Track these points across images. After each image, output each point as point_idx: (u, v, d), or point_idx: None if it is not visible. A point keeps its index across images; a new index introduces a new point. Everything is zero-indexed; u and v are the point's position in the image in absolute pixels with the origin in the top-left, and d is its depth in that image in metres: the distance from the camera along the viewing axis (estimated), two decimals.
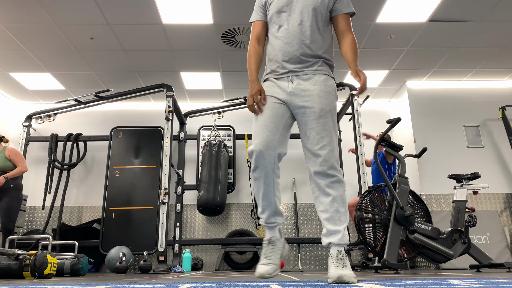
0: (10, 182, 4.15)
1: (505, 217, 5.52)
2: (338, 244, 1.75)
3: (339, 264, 1.68)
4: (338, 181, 1.80)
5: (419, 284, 1.46)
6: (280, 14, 1.98)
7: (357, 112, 5.23)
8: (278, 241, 1.92)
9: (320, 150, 1.79)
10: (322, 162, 1.79)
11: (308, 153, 1.84)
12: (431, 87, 6.08)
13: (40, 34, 4.66)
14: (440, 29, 4.69)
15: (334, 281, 1.56)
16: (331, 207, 1.78)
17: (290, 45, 1.91)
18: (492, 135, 5.84)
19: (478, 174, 3.79)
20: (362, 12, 4.34)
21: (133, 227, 5.21)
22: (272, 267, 1.84)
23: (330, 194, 1.79)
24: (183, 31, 4.64)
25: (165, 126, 5.11)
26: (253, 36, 2.06)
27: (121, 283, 1.76)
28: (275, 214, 1.90)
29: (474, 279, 1.78)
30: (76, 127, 6.34)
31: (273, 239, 1.91)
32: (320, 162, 1.79)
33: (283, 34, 1.95)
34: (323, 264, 5.79)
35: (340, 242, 1.75)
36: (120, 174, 5.48)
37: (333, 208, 1.77)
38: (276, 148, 1.83)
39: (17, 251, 2.83)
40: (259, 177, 1.83)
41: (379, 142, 3.67)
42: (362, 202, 3.62)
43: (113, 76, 5.74)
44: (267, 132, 1.83)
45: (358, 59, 2.00)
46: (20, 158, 4.29)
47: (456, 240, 3.54)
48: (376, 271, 3.42)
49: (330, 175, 1.79)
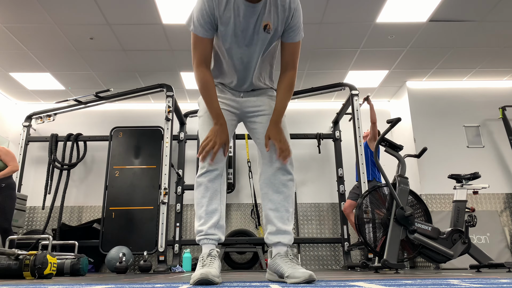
0: (2, 181, 4.15)
1: (505, 217, 5.52)
2: (286, 245, 1.75)
3: (293, 263, 1.66)
4: (293, 179, 1.82)
5: (419, 284, 1.46)
6: (236, 38, 1.71)
7: (357, 112, 5.22)
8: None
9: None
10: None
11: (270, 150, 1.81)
12: (431, 87, 6.08)
13: (40, 34, 4.66)
14: (440, 29, 4.69)
15: (305, 280, 1.52)
16: (282, 206, 1.77)
17: (242, 78, 1.83)
18: (492, 135, 5.84)
19: (478, 174, 3.79)
20: (362, 12, 4.34)
21: (133, 227, 5.21)
22: (213, 271, 1.53)
23: (283, 192, 1.77)
24: (183, 31, 4.64)
25: (165, 126, 5.11)
26: (200, 58, 1.73)
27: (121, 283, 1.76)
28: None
29: (474, 279, 1.78)
30: (76, 127, 6.33)
31: (214, 253, 1.69)
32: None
33: (236, 62, 1.77)
34: (323, 264, 5.79)
35: (289, 243, 1.76)
36: (120, 174, 5.48)
37: (283, 207, 1.77)
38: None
39: (17, 251, 2.83)
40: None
41: (379, 142, 3.67)
42: (362, 202, 3.62)
43: (113, 76, 5.74)
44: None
45: (285, 108, 1.80)
46: (10, 157, 4.29)
47: (456, 240, 3.54)
48: (376, 271, 3.42)
49: (290, 173, 1.79)
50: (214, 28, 1.71)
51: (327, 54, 5.23)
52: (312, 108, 6.49)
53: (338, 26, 4.59)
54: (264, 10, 1.67)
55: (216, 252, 1.69)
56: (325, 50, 5.13)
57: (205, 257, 1.65)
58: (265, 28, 1.70)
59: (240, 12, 1.66)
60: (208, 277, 1.47)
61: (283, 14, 1.70)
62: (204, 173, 1.74)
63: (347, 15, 4.38)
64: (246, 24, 1.68)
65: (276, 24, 1.71)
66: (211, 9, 1.65)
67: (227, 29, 1.69)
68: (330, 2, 4.15)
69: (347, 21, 4.51)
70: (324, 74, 5.75)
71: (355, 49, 5.11)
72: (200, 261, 1.65)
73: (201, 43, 1.72)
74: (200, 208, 1.74)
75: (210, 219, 1.72)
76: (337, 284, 1.50)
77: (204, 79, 1.73)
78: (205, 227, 1.71)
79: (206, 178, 1.74)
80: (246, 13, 1.66)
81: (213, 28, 1.70)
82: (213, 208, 1.73)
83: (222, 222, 1.75)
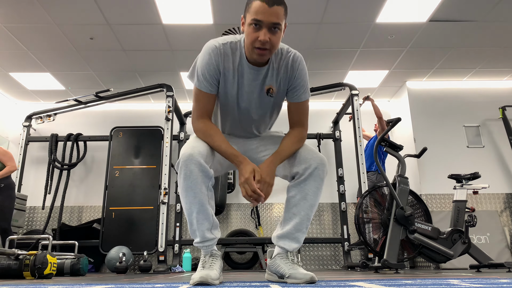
0: (1, 182, 4.15)
1: (505, 217, 5.52)
2: (292, 252, 1.71)
3: (294, 264, 1.66)
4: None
5: (419, 284, 1.46)
6: (239, 99, 1.69)
7: (357, 112, 5.23)
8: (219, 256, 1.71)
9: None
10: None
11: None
12: (431, 87, 6.08)
13: (40, 34, 4.66)
14: (440, 29, 4.69)
15: (306, 282, 1.54)
16: (305, 213, 1.68)
17: (242, 131, 1.80)
18: (492, 135, 5.84)
19: (478, 174, 3.79)
20: (362, 12, 4.34)
21: (133, 227, 5.20)
22: (213, 274, 1.54)
23: (310, 199, 1.67)
24: (183, 31, 4.64)
25: (165, 126, 5.11)
26: (202, 111, 1.68)
27: (121, 283, 1.76)
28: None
29: (474, 279, 1.78)
30: (76, 127, 6.33)
31: (214, 252, 1.68)
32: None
33: (237, 119, 1.76)
34: (323, 264, 5.79)
35: (294, 251, 1.72)
36: (120, 174, 5.47)
37: (307, 215, 1.68)
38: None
39: (17, 251, 2.83)
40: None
41: (379, 142, 3.67)
42: (362, 202, 3.62)
43: (113, 76, 5.74)
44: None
45: (288, 155, 1.69)
46: (8, 157, 4.29)
47: (456, 240, 3.54)
48: (376, 271, 3.42)
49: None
50: (218, 84, 1.67)
51: (327, 54, 5.22)
52: (312, 108, 6.43)
53: (338, 26, 4.59)
54: (268, 74, 1.67)
55: (216, 251, 1.70)
56: (325, 50, 5.13)
57: (207, 257, 1.66)
58: (268, 92, 1.69)
59: (244, 74, 1.65)
60: (208, 281, 1.49)
61: (285, 74, 1.69)
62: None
63: (347, 15, 4.38)
64: (249, 87, 1.67)
65: (279, 87, 1.70)
66: (217, 63, 1.63)
67: (229, 88, 1.67)
68: (330, 2, 4.15)
69: (347, 21, 4.51)
70: (324, 74, 5.75)
71: (355, 49, 5.11)
72: (201, 261, 1.67)
73: (204, 98, 1.68)
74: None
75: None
76: (337, 284, 1.50)
77: (206, 127, 1.67)
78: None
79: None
80: (250, 76, 1.66)
81: (217, 83, 1.67)
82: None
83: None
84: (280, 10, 1.53)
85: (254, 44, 1.55)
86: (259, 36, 1.53)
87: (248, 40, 1.57)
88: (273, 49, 1.58)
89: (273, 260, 1.73)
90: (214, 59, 1.62)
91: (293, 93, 1.72)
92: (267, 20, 1.51)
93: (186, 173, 1.57)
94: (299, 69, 1.69)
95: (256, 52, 1.56)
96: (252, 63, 1.64)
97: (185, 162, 1.57)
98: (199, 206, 1.60)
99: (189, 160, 1.56)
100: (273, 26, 1.53)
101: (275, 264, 1.70)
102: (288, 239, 1.69)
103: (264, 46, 1.54)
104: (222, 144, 1.64)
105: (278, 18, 1.52)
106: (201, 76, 1.65)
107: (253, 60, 1.62)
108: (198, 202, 1.59)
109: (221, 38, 1.66)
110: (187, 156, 1.57)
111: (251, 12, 1.54)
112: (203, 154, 1.59)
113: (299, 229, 1.68)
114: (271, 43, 1.54)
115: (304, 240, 1.74)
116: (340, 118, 6.09)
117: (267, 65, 1.66)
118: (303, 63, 1.71)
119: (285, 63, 1.67)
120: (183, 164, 1.57)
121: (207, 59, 1.63)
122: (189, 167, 1.56)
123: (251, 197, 1.58)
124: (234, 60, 1.64)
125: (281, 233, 1.71)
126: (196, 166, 1.56)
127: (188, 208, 1.62)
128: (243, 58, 1.64)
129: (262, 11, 1.51)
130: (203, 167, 1.57)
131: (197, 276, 1.51)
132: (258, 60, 1.60)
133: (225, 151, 1.64)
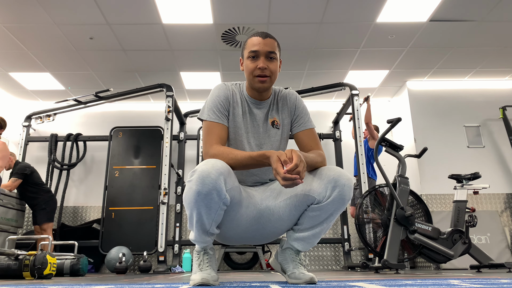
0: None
1: (506, 217, 5.52)
2: (300, 252, 1.74)
3: (299, 264, 1.69)
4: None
5: (419, 285, 1.45)
6: (247, 133, 1.70)
7: (357, 112, 5.22)
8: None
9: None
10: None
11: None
12: (432, 87, 6.07)
13: (40, 34, 4.65)
14: (440, 29, 4.68)
15: (305, 282, 1.57)
16: (327, 225, 1.63)
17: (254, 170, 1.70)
18: (493, 135, 5.83)
19: (478, 174, 3.78)
20: (362, 12, 4.34)
21: (133, 227, 5.20)
22: (212, 276, 1.53)
23: (335, 216, 1.61)
24: (183, 31, 4.64)
25: (165, 126, 5.11)
26: (216, 139, 1.61)
27: (121, 283, 1.76)
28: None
29: (475, 279, 1.78)
30: (76, 127, 6.33)
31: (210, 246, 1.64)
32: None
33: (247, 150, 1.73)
34: (323, 264, 5.79)
35: (302, 251, 1.74)
36: (120, 174, 5.47)
37: (327, 226, 1.64)
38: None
39: (16, 251, 2.82)
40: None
41: (379, 142, 3.67)
42: (362, 202, 3.62)
43: (113, 76, 5.74)
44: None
45: (310, 163, 1.56)
46: (1, 155, 4.09)
47: (457, 240, 3.54)
48: (377, 271, 3.42)
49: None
50: (228, 116, 1.69)
51: (327, 54, 5.22)
52: (312, 108, 6.47)
53: (338, 26, 4.59)
54: (270, 108, 1.76)
55: (211, 248, 1.64)
56: (325, 50, 5.12)
57: (201, 254, 1.62)
58: (273, 124, 1.75)
59: (249, 108, 1.74)
60: (209, 282, 1.50)
61: (286, 107, 1.78)
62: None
63: (347, 15, 4.38)
64: (255, 120, 1.73)
65: (283, 119, 1.77)
66: (226, 96, 1.70)
67: (238, 122, 1.70)
68: (330, 2, 4.14)
69: (347, 21, 4.51)
70: (324, 74, 5.75)
71: (355, 49, 5.11)
72: (196, 257, 1.62)
73: (217, 128, 1.64)
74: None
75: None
76: (337, 285, 1.50)
77: (225, 148, 1.59)
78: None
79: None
80: (253, 110, 1.74)
81: (228, 116, 1.69)
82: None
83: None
84: (273, 42, 1.66)
85: (254, 73, 1.64)
86: (258, 64, 1.63)
87: (248, 71, 1.66)
88: (273, 76, 1.66)
89: (283, 251, 1.72)
90: (224, 93, 1.71)
91: (299, 122, 1.77)
92: (263, 49, 1.63)
93: (201, 190, 1.43)
94: (297, 100, 1.79)
95: (257, 80, 1.65)
96: (255, 98, 1.73)
97: (202, 178, 1.42)
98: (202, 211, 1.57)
99: (207, 178, 1.42)
100: (269, 56, 1.64)
101: (284, 257, 1.72)
102: (304, 242, 1.69)
103: (264, 73, 1.64)
104: (246, 153, 1.54)
105: (272, 48, 1.65)
106: (210, 111, 1.66)
107: (255, 90, 1.70)
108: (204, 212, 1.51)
109: (227, 82, 1.78)
110: (206, 172, 1.43)
111: (247, 48, 1.67)
112: (225, 175, 1.47)
113: (318, 236, 1.69)
114: (270, 70, 1.64)
115: None
116: (340, 118, 6.08)
117: (269, 99, 1.75)
118: (299, 96, 1.82)
119: (283, 97, 1.78)
120: (200, 179, 1.43)
121: (217, 93, 1.70)
122: (206, 184, 1.42)
123: (290, 179, 1.40)
124: (241, 97, 1.74)
125: (299, 236, 1.67)
126: (213, 185, 1.43)
127: (191, 210, 1.57)
128: (247, 96, 1.74)
129: (257, 43, 1.64)
130: (219, 188, 1.44)
131: (197, 277, 1.50)
132: (260, 88, 1.67)
133: (252, 156, 1.53)
